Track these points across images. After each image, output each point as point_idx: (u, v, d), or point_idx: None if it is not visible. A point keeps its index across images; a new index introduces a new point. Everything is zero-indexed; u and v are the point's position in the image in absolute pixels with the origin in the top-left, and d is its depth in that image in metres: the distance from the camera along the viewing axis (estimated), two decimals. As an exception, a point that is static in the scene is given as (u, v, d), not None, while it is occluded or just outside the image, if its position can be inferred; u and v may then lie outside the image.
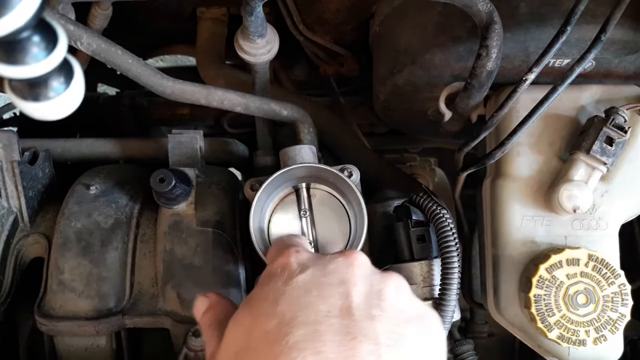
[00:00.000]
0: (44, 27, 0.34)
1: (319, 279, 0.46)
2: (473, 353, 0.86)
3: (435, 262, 0.72)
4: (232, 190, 0.81)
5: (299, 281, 0.46)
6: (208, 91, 0.76)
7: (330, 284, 0.46)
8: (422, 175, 1.10)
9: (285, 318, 0.43)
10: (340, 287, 0.45)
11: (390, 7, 0.85)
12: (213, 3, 1.07)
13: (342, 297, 0.44)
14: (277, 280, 0.47)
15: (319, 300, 0.44)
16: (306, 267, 0.48)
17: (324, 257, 0.50)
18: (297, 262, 0.49)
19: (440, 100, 0.78)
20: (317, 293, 0.45)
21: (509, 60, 0.72)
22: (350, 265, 0.48)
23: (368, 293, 0.46)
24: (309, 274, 0.47)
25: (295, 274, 0.47)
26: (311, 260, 0.50)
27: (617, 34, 0.67)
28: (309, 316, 0.42)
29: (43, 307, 0.74)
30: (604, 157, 0.67)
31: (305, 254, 0.51)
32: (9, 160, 0.76)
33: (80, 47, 0.70)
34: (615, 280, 0.66)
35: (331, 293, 0.45)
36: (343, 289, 0.45)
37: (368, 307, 0.44)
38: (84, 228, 0.75)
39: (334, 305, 0.44)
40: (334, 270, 0.47)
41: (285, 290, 0.46)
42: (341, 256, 0.50)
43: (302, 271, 0.47)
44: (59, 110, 0.38)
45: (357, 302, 0.44)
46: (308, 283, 0.46)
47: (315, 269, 0.48)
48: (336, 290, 0.45)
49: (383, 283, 0.48)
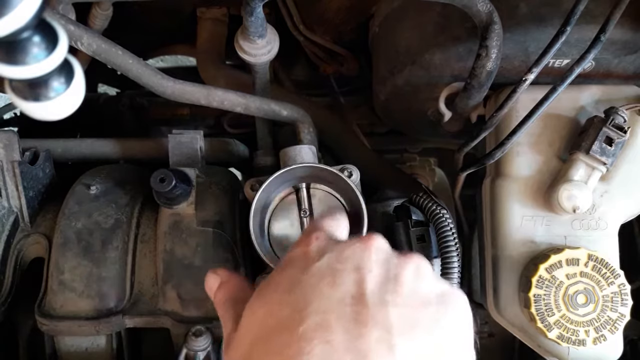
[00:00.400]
0: (45, 28, 0.34)
1: (334, 265, 0.45)
2: (473, 353, 0.86)
3: (435, 262, 0.72)
4: (233, 190, 0.81)
5: (314, 269, 0.45)
6: (208, 91, 0.76)
7: (345, 270, 0.44)
8: (422, 175, 1.10)
9: (298, 306, 0.42)
10: (354, 273, 0.44)
11: (390, 8, 0.85)
12: (213, 3, 1.07)
13: (355, 283, 0.43)
14: (295, 267, 0.47)
15: (332, 287, 0.43)
16: (323, 254, 0.47)
17: (342, 242, 0.49)
18: (317, 249, 0.48)
19: (440, 101, 0.78)
20: (330, 280, 0.43)
21: (509, 61, 0.72)
22: (367, 250, 0.47)
23: (384, 278, 0.44)
24: (325, 261, 0.46)
25: (313, 261, 0.46)
26: (329, 246, 0.48)
27: (616, 34, 0.67)
28: (320, 304, 0.41)
29: (43, 307, 0.74)
30: (603, 157, 0.67)
31: (324, 241, 0.49)
32: (10, 160, 0.76)
33: (81, 48, 0.70)
34: (614, 280, 0.66)
35: (344, 280, 0.43)
36: (357, 275, 0.44)
37: (382, 293, 0.43)
38: (85, 228, 0.75)
39: (346, 292, 0.42)
40: (350, 256, 0.46)
41: (301, 279, 0.45)
42: (358, 241, 0.48)
43: (319, 258, 0.46)
44: (60, 110, 0.38)
45: (371, 288, 0.43)
46: (323, 270, 0.45)
47: (331, 255, 0.46)
48: (350, 276, 0.44)
49: (400, 267, 0.46)
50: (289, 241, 0.74)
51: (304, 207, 0.72)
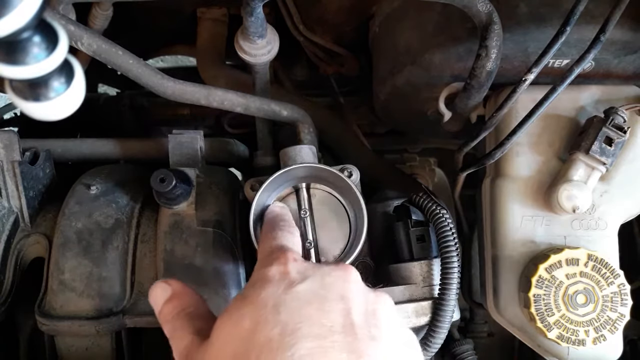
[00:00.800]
0: (45, 28, 0.34)
1: (318, 291, 0.46)
2: (473, 353, 0.86)
3: (435, 262, 0.72)
4: (233, 190, 0.81)
5: (299, 291, 0.46)
6: (208, 91, 0.76)
7: (330, 299, 0.46)
8: (422, 175, 1.10)
9: (288, 328, 0.42)
10: (340, 302, 0.45)
11: (390, 8, 0.85)
12: (213, 3, 1.07)
13: (342, 313, 0.45)
14: (277, 287, 0.47)
15: (321, 313, 0.44)
16: (305, 277, 0.47)
17: (321, 267, 0.50)
18: (297, 271, 0.49)
19: (439, 101, 0.78)
20: (318, 306, 0.45)
21: (509, 61, 0.72)
22: (347, 281, 0.48)
23: (365, 312, 0.46)
24: (308, 285, 0.47)
25: (295, 283, 0.47)
26: (309, 270, 0.49)
27: (616, 34, 0.67)
28: (312, 329, 0.42)
29: (43, 307, 0.74)
30: (603, 157, 0.67)
31: (302, 264, 0.50)
32: (10, 160, 0.76)
33: (81, 48, 0.70)
34: (614, 280, 0.66)
35: (332, 308, 0.45)
36: (343, 306, 0.45)
37: (367, 326, 0.45)
38: (85, 228, 0.75)
39: (336, 320, 0.44)
40: (332, 284, 0.47)
41: (285, 299, 0.45)
42: (337, 270, 0.50)
43: (302, 281, 0.47)
44: (60, 110, 0.38)
45: (358, 320, 0.45)
46: (308, 294, 0.46)
47: (313, 280, 0.47)
48: (336, 305, 0.45)
49: (377, 303, 0.48)
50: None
51: (304, 207, 0.72)
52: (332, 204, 0.73)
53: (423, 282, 0.71)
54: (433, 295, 0.70)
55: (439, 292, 0.69)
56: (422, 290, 0.71)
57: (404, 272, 0.72)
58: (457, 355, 0.86)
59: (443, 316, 0.67)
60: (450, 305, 0.68)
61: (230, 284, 0.74)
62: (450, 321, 0.68)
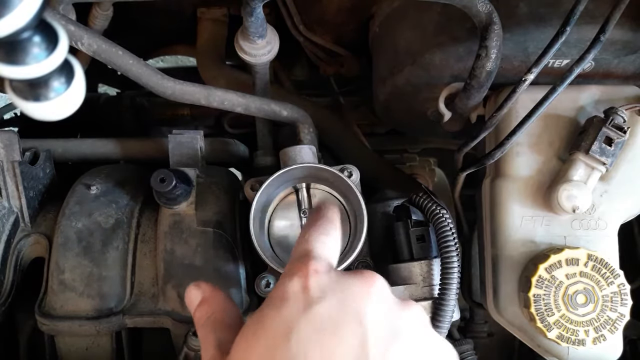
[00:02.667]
0: (45, 28, 0.34)
1: (334, 313, 0.44)
2: (472, 353, 0.86)
3: (435, 262, 0.72)
4: (233, 190, 0.81)
5: (314, 314, 0.44)
6: (208, 92, 0.76)
7: (347, 322, 0.44)
8: (421, 175, 1.10)
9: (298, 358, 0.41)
10: (356, 325, 0.43)
11: (390, 8, 0.85)
12: (213, 3, 1.07)
13: (357, 338, 0.43)
14: (292, 306, 0.45)
15: (334, 340, 0.42)
16: (324, 295, 0.45)
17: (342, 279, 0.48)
18: (317, 286, 0.46)
19: (439, 101, 0.78)
20: (332, 331, 0.43)
21: (509, 61, 0.72)
22: (368, 296, 0.46)
23: (386, 334, 0.44)
24: (325, 307, 0.44)
25: (312, 302, 0.45)
26: (330, 283, 0.47)
27: (616, 34, 0.67)
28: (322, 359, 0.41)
29: (44, 307, 0.74)
30: (603, 157, 0.67)
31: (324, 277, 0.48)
32: (10, 160, 0.76)
33: (81, 48, 0.70)
34: (614, 280, 0.66)
35: (346, 333, 0.43)
36: (359, 330, 0.43)
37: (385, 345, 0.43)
38: (85, 228, 0.75)
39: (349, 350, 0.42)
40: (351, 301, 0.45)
41: (299, 323, 0.43)
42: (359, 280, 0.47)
43: (319, 300, 0.45)
44: (60, 110, 0.38)
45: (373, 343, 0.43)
46: (324, 318, 0.44)
47: (332, 298, 0.45)
48: (352, 329, 0.43)
49: (402, 319, 0.46)
50: (288, 241, 0.74)
51: (304, 207, 0.72)
52: (332, 204, 0.73)
53: (423, 282, 0.71)
54: (433, 295, 0.71)
55: (439, 292, 0.69)
56: (422, 290, 0.71)
57: (404, 272, 0.72)
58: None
59: (443, 316, 0.67)
60: (451, 305, 0.68)
61: (230, 284, 0.74)
62: (450, 321, 0.68)
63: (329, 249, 0.53)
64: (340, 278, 0.48)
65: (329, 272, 0.48)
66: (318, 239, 0.53)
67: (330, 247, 0.54)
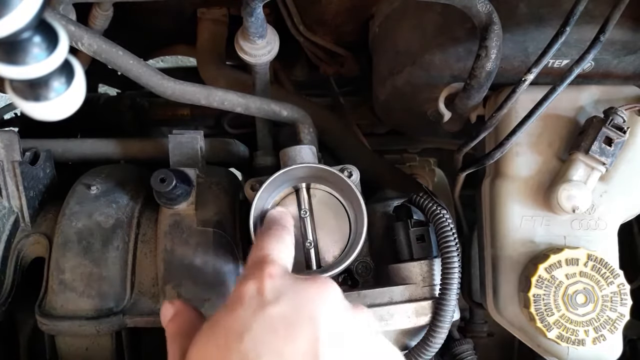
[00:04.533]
0: (45, 28, 0.34)
1: (287, 315, 0.45)
2: (472, 353, 0.86)
3: (435, 262, 0.72)
4: (233, 190, 0.81)
5: (268, 315, 0.45)
6: (208, 92, 0.76)
7: (299, 323, 0.44)
8: (421, 175, 1.10)
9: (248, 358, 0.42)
10: (308, 327, 0.44)
11: (390, 8, 0.85)
12: (213, 4, 1.07)
13: (308, 340, 0.43)
14: (247, 308, 0.46)
15: (285, 341, 0.43)
16: (277, 297, 0.46)
17: (297, 283, 0.49)
18: (271, 288, 0.47)
19: (439, 101, 0.78)
20: (284, 333, 0.43)
21: (508, 61, 0.72)
22: (321, 299, 0.47)
23: (338, 333, 0.45)
24: (279, 308, 0.45)
25: (265, 304, 0.46)
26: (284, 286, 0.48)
27: (616, 34, 0.67)
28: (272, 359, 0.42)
29: (44, 307, 0.74)
30: (602, 157, 0.67)
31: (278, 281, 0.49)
32: (10, 160, 0.76)
33: (81, 48, 0.70)
34: (614, 280, 0.66)
35: (298, 334, 0.43)
36: (310, 331, 0.44)
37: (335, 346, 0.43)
38: (85, 228, 0.75)
39: (299, 349, 0.43)
40: (305, 304, 0.46)
41: (252, 324, 0.44)
42: (313, 287, 0.48)
43: (273, 302, 0.46)
44: (60, 110, 0.38)
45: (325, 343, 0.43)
46: (276, 319, 0.44)
47: (286, 301, 0.46)
48: (304, 330, 0.44)
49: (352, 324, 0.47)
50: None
51: (304, 207, 0.72)
52: (332, 204, 0.73)
53: (423, 282, 0.71)
54: (433, 295, 0.71)
55: (439, 292, 0.69)
56: (422, 290, 0.71)
57: (404, 272, 0.72)
58: (457, 355, 0.86)
59: (443, 316, 0.67)
60: (451, 305, 0.68)
61: (230, 284, 0.74)
62: (450, 321, 0.68)
63: (284, 255, 0.55)
64: (294, 282, 0.49)
65: (284, 276, 0.50)
66: (273, 246, 0.55)
67: (285, 252, 0.55)
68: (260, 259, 0.52)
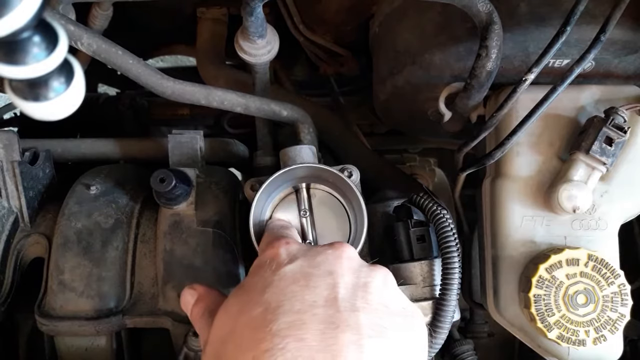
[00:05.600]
0: (45, 28, 0.34)
1: (306, 269, 0.47)
2: (473, 353, 0.86)
3: (435, 262, 0.72)
4: (233, 190, 0.81)
5: (287, 271, 0.47)
6: (208, 91, 0.76)
7: (318, 275, 0.47)
8: (422, 175, 1.10)
9: (271, 306, 0.44)
10: (327, 278, 0.46)
11: (390, 8, 0.85)
12: (213, 3, 1.07)
13: (328, 287, 0.45)
14: (266, 270, 0.48)
15: (306, 289, 0.45)
16: (295, 258, 0.49)
17: (314, 248, 0.51)
18: (287, 253, 0.50)
19: (439, 101, 0.78)
20: (304, 283, 0.46)
21: (509, 61, 0.72)
22: (339, 257, 0.49)
23: (354, 285, 0.47)
24: (297, 265, 0.48)
25: (284, 264, 0.48)
26: (300, 251, 0.51)
27: (616, 34, 0.67)
28: (293, 305, 0.44)
29: (43, 307, 0.74)
30: (603, 157, 0.67)
31: (294, 245, 0.52)
32: (10, 160, 0.76)
33: (81, 48, 0.70)
34: (615, 280, 0.66)
35: (318, 283, 0.46)
36: (330, 280, 0.46)
37: (353, 298, 0.45)
38: (85, 228, 0.75)
39: (320, 295, 0.45)
40: (322, 262, 0.48)
41: (273, 280, 0.47)
42: (330, 248, 0.51)
43: (291, 262, 0.48)
44: (60, 110, 0.38)
45: (343, 293, 0.45)
46: (296, 273, 0.47)
47: (303, 260, 0.49)
48: (323, 280, 0.46)
49: (370, 276, 0.49)
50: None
51: (304, 207, 0.72)
52: (332, 204, 0.73)
53: (423, 282, 0.71)
54: (433, 295, 0.70)
55: (440, 292, 0.68)
56: (423, 291, 0.71)
57: (404, 272, 0.72)
58: (457, 355, 0.85)
59: (444, 316, 0.67)
60: (451, 305, 0.67)
61: (230, 284, 0.74)
62: (451, 321, 0.68)
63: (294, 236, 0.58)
64: (310, 246, 0.52)
65: (298, 244, 0.53)
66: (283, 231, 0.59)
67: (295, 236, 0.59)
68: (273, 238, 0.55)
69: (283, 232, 0.58)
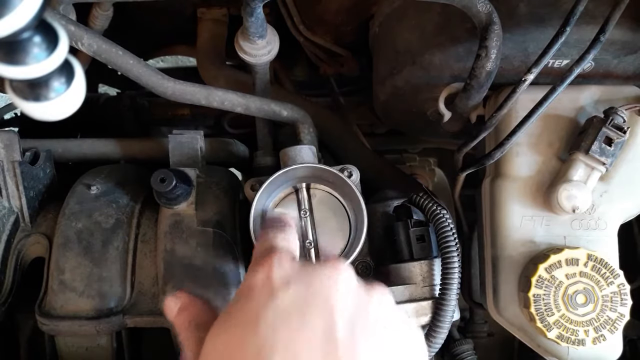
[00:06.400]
0: (45, 28, 0.34)
1: (301, 300, 0.44)
2: (472, 353, 0.86)
3: (435, 262, 0.72)
4: (233, 190, 0.81)
5: (280, 302, 0.44)
6: (208, 92, 0.76)
7: (313, 307, 0.44)
8: (421, 175, 1.10)
9: (266, 346, 0.41)
10: (323, 311, 0.44)
11: (390, 8, 0.85)
12: (213, 3, 1.07)
13: (325, 320, 0.43)
14: (259, 298, 0.46)
15: (301, 327, 0.42)
16: (288, 285, 0.46)
17: (308, 270, 0.48)
18: (280, 277, 0.47)
19: (439, 101, 0.78)
20: (298, 318, 0.43)
21: (508, 61, 0.72)
22: (335, 282, 0.46)
23: (351, 317, 0.44)
24: (292, 294, 0.45)
25: (277, 291, 0.45)
26: (294, 274, 0.47)
27: (616, 34, 0.67)
28: (288, 346, 0.41)
29: (44, 307, 0.74)
30: (602, 157, 0.67)
31: (287, 266, 0.48)
32: (10, 160, 0.76)
33: (81, 48, 0.70)
34: (614, 280, 0.66)
35: (313, 317, 0.43)
36: (327, 312, 0.43)
37: (351, 334, 0.43)
38: (85, 228, 0.75)
39: (316, 331, 0.42)
40: (318, 289, 0.45)
41: (266, 312, 0.44)
42: (325, 269, 0.48)
43: (284, 289, 0.45)
44: (60, 110, 0.38)
45: (341, 325, 0.43)
46: (290, 305, 0.44)
47: (298, 287, 0.46)
48: (320, 314, 0.43)
49: (369, 303, 0.46)
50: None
51: (304, 207, 0.72)
52: (332, 204, 0.73)
53: (423, 282, 0.71)
54: (433, 295, 0.71)
55: (439, 292, 0.69)
56: (422, 290, 0.71)
57: (404, 272, 0.72)
58: (457, 355, 0.86)
59: (444, 316, 0.68)
60: (451, 305, 0.68)
61: (230, 284, 0.74)
62: (450, 321, 0.68)
63: (289, 244, 0.55)
64: (303, 267, 0.49)
65: (292, 263, 0.49)
66: (278, 236, 0.55)
67: (290, 241, 0.55)
68: (266, 249, 0.52)
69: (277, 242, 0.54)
